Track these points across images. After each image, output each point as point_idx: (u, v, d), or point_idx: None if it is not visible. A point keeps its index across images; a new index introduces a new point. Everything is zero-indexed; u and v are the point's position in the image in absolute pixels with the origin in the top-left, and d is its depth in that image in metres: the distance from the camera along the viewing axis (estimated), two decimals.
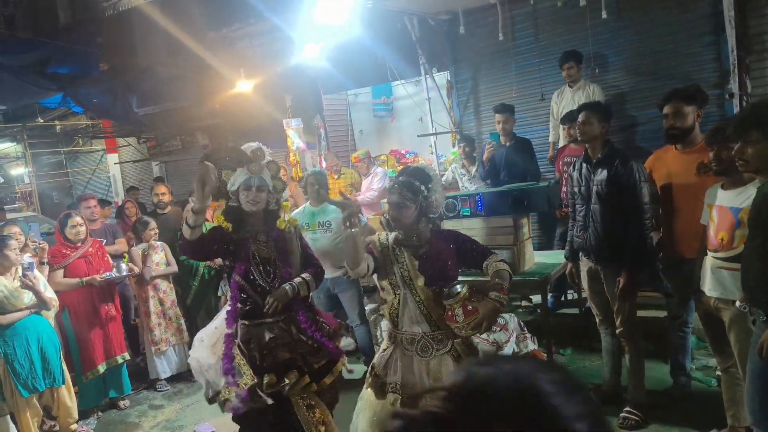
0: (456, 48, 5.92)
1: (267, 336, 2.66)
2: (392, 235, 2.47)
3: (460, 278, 2.43)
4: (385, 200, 3.59)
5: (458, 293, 2.21)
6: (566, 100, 4.98)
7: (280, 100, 7.27)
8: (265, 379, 2.57)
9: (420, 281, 2.34)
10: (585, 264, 3.33)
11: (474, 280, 2.53)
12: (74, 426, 4.02)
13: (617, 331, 3.22)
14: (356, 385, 2.88)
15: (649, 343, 3.98)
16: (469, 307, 2.17)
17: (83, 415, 4.21)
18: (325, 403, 2.76)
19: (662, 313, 4.25)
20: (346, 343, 4.88)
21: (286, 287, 2.66)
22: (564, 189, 4.54)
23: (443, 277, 2.36)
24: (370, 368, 2.53)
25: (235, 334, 2.70)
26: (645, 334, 3.35)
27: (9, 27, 11.12)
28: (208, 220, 5.00)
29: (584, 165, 3.21)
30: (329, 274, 4.27)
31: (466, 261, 2.49)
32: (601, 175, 3.07)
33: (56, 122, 10.56)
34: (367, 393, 2.50)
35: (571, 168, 3.37)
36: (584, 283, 3.39)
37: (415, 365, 2.35)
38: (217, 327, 2.84)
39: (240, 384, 2.58)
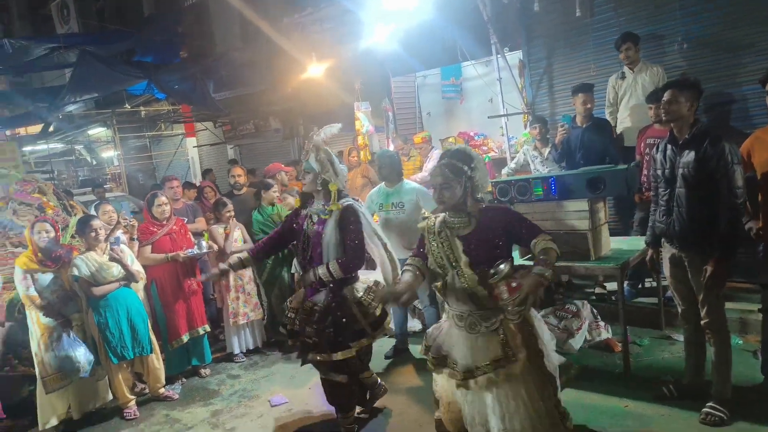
0: (529, 26, 5.72)
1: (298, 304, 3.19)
2: (441, 217, 2.52)
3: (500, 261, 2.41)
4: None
5: (502, 271, 2.24)
6: (627, 82, 4.73)
7: (350, 84, 7.35)
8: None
9: (464, 262, 2.38)
10: (668, 251, 3.16)
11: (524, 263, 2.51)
12: (162, 390, 4.34)
13: (702, 322, 3.04)
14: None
15: (737, 336, 3.77)
16: (513, 284, 2.19)
17: (169, 380, 4.53)
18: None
19: (752, 306, 3.99)
20: (412, 324, 4.95)
21: (310, 273, 3.06)
22: (644, 172, 4.32)
23: (489, 258, 2.36)
24: (425, 336, 2.67)
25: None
26: (733, 327, 3.16)
27: (100, 19, 11.91)
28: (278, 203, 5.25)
29: (669, 146, 3.02)
30: (400, 254, 4.30)
31: (515, 238, 2.47)
32: (688, 156, 2.89)
33: (141, 108, 11.25)
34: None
35: (655, 150, 3.18)
36: (666, 271, 3.22)
37: (463, 340, 2.43)
38: None
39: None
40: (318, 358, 3.07)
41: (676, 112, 2.89)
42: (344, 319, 3.03)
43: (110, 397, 4.25)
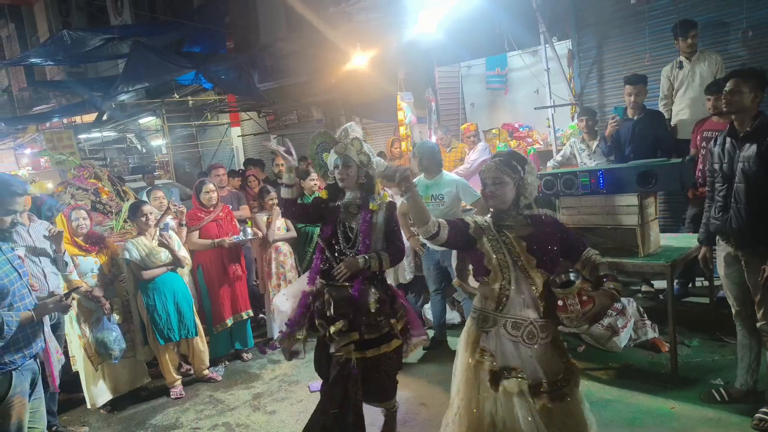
0: (580, 14, 5.55)
1: (331, 296, 2.94)
2: (488, 217, 2.39)
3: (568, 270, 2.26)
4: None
5: (573, 282, 2.10)
6: (684, 73, 4.52)
7: (393, 74, 7.32)
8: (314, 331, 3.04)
9: (532, 263, 2.22)
10: (723, 249, 3.03)
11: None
12: (206, 371, 4.49)
13: (758, 324, 2.91)
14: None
15: None
16: (585, 298, 2.06)
17: (213, 362, 4.68)
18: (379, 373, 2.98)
19: None
20: (451, 316, 4.93)
21: (359, 258, 2.90)
22: (699, 167, 4.14)
23: (552, 261, 2.25)
24: (477, 347, 2.35)
25: (312, 291, 3.06)
26: None
27: (151, 10, 12.27)
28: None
29: (728, 139, 2.89)
30: (439, 247, 4.30)
31: (566, 248, 2.35)
32: (749, 150, 2.75)
33: (189, 98, 11.56)
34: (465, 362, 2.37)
35: (712, 143, 3.05)
36: (720, 270, 3.09)
37: (522, 351, 2.20)
38: (300, 283, 3.24)
39: (293, 336, 3.14)
40: (383, 349, 2.97)
41: (738, 103, 2.76)
42: (392, 304, 3.05)
43: (147, 379, 4.42)
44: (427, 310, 4.81)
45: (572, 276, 2.13)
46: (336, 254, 2.98)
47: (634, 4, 4.92)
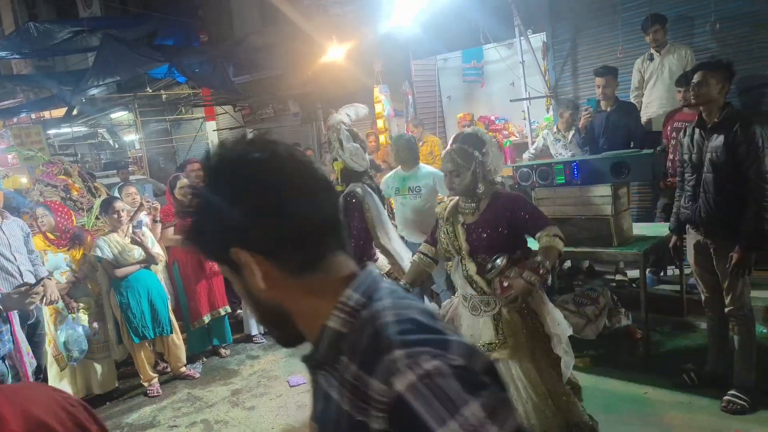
0: (554, 6, 5.59)
1: None
2: (454, 201, 2.54)
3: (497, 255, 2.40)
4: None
5: (496, 266, 2.26)
6: (654, 66, 4.59)
7: (370, 67, 7.30)
8: None
9: (465, 250, 2.41)
10: (693, 237, 3.10)
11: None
12: (183, 368, 4.44)
13: (726, 310, 2.99)
14: None
15: (761, 325, 3.70)
16: (505, 284, 2.22)
17: (190, 359, 4.63)
18: None
19: None
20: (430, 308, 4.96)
21: None
22: (670, 158, 4.23)
23: (490, 247, 2.35)
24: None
25: None
26: (757, 316, 3.11)
27: (122, 2, 11.98)
28: None
29: (697, 130, 2.95)
30: (417, 239, 4.31)
31: (519, 229, 2.41)
32: (717, 141, 2.82)
33: (162, 92, 11.32)
34: None
35: (682, 134, 3.11)
36: (690, 258, 3.17)
37: (467, 320, 2.49)
38: None
39: None
40: None
41: (706, 95, 2.82)
42: None
43: (116, 384, 4.34)
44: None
45: (498, 260, 2.28)
46: None
47: None
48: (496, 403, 0.66)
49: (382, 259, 3.23)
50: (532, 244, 2.49)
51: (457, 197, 2.51)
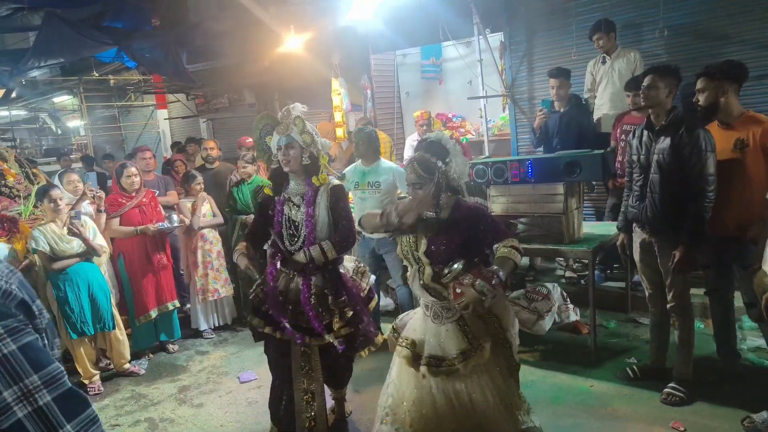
0: (511, 7, 5.67)
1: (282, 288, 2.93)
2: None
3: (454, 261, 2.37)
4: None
5: (453, 271, 2.24)
6: (605, 69, 4.74)
7: (328, 59, 7.20)
8: (254, 322, 2.98)
9: (424, 260, 2.37)
10: (638, 236, 3.22)
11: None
12: (127, 365, 4.26)
13: (668, 306, 3.12)
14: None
15: (699, 321, 3.88)
16: (458, 290, 2.19)
17: (135, 355, 4.45)
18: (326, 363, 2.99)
19: None
20: (385, 303, 4.96)
21: (300, 255, 2.82)
22: (619, 159, 4.37)
23: (448, 258, 2.32)
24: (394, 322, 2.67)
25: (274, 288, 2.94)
26: (696, 312, 3.26)
27: None
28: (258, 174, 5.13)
29: (646, 132, 3.05)
30: (375, 235, 4.29)
31: (478, 241, 2.36)
32: (664, 143, 2.92)
33: (110, 77, 10.83)
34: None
35: (631, 135, 3.22)
36: (636, 256, 3.28)
37: (432, 330, 2.41)
38: None
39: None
40: (327, 340, 2.87)
41: (655, 98, 2.92)
42: (348, 296, 2.93)
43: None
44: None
45: (455, 265, 2.26)
46: (285, 251, 2.91)
47: (561, 1, 5.09)
48: (16, 326, 0.97)
49: (347, 257, 3.19)
50: None
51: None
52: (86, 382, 4.03)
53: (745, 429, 2.77)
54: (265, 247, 3.27)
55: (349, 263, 3.14)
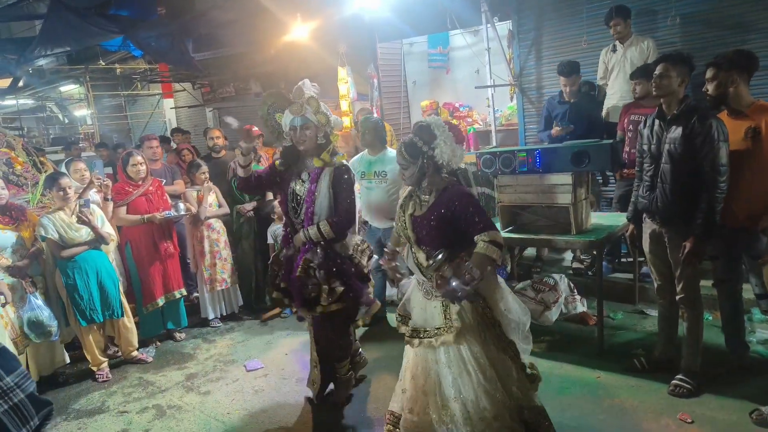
0: None
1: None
2: (408, 189, 2.58)
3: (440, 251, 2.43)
4: None
5: (436, 261, 2.34)
6: (617, 57, 4.66)
7: (334, 48, 7.15)
8: (275, 295, 3.23)
9: (413, 240, 2.48)
10: (648, 226, 3.18)
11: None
12: (134, 353, 4.28)
13: (677, 297, 3.09)
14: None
15: (708, 313, 3.85)
16: (438, 282, 2.27)
17: (143, 343, 4.47)
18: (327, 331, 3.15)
19: None
20: (391, 293, 4.95)
21: (301, 233, 2.96)
22: (626, 149, 4.32)
23: (432, 240, 2.41)
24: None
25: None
26: (705, 304, 3.23)
27: None
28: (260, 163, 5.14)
29: (657, 121, 3.01)
30: (381, 224, 4.28)
31: (458, 228, 2.35)
32: (675, 132, 2.88)
33: (116, 65, 10.83)
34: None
35: (642, 125, 3.17)
36: (645, 246, 3.25)
37: (420, 303, 2.55)
38: None
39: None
40: (318, 310, 2.96)
41: (667, 87, 2.87)
42: (338, 272, 2.97)
43: (67, 360, 4.18)
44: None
45: (439, 256, 2.34)
46: (291, 222, 3.05)
47: None
48: None
49: (349, 236, 3.18)
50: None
51: (410, 187, 2.56)
52: (95, 369, 4.06)
53: (753, 421, 2.75)
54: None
55: (350, 242, 3.11)
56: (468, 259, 2.25)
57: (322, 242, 2.93)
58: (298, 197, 2.98)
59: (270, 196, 5.03)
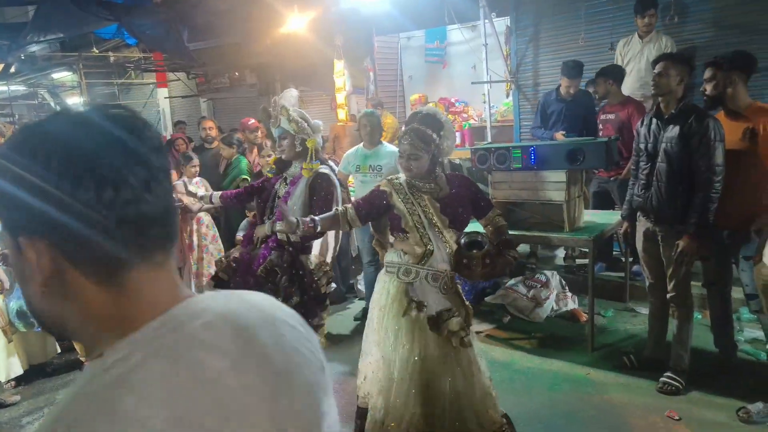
0: None
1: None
2: (403, 178, 2.47)
3: (471, 230, 2.49)
4: None
5: (481, 245, 2.34)
6: (633, 51, 4.60)
7: (331, 41, 7.11)
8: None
9: (445, 223, 2.39)
10: (643, 224, 3.19)
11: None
12: None
13: (668, 295, 3.11)
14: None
15: (698, 312, 3.88)
16: (487, 261, 2.29)
17: None
18: None
19: None
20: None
21: (266, 226, 3.01)
22: None
23: (461, 221, 2.43)
24: (407, 298, 2.44)
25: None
26: (695, 303, 3.25)
27: None
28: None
29: (654, 120, 3.01)
30: None
31: (475, 208, 2.50)
32: (672, 131, 2.89)
33: (110, 53, 10.71)
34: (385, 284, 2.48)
35: (639, 123, 3.18)
36: (638, 244, 3.27)
37: (439, 298, 2.41)
38: None
39: None
40: None
41: (666, 86, 2.88)
42: (299, 285, 2.99)
43: (58, 350, 4.16)
44: (360, 281, 4.79)
45: (480, 239, 2.34)
46: (260, 220, 3.14)
47: None
48: None
49: (314, 253, 3.19)
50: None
51: (404, 176, 2.47)
52: (83, 359, 4.03)
53: (740, 419, 2.78)
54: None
55: (314, 258, 3.13)
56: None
57: (288, 246, 2.94)
58: (276, 197, 3.08)
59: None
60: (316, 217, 2.46)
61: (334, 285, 3.47)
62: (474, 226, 2.56)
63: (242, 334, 0.63)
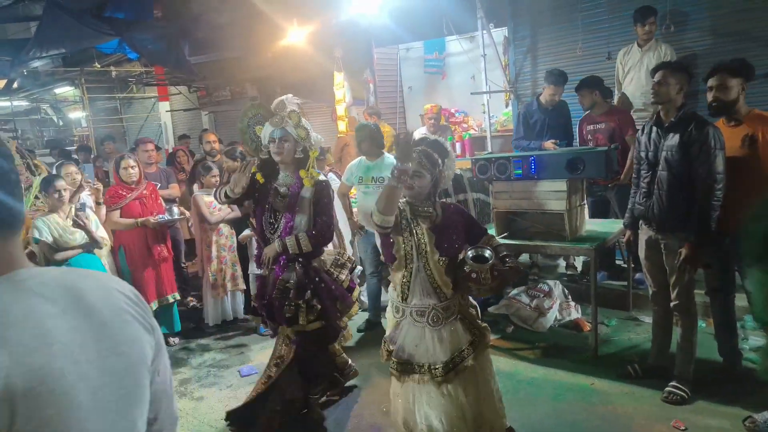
0: (516, 2, 5.63)
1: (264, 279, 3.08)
2: (404, 202, 2.44)
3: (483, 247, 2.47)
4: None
5: (487, 258, 2.33)
6: (633, 60, 4.61)
7: (331, 53, 7.16)
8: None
9: (435, 255, 2.35)
10: (645, 233, 3.19)
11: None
12: None
13: (672, 304, 3.10)
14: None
15: (702, 320, 3.87)
16: (495, 273, 2.31)
17: None
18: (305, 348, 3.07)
19: None
20: (386, 298, 4.92)
21: (276, 243, 2.90)
22: None
23: (454, 252, 2.42)
24: (383, 343, 2.56)
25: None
26: (699, 311, 3.24)
27: None
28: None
29: (654, 129, 3.02)
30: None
31: (470, 236, 2.51)
32: (673, 140, 2.90)
33: (112, 68, 10.79)
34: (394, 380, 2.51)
35: (640, 132, 3.19)
36: (641, 253, 3.26)
37: (428, 336, 2.37)
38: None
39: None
40: (293, 329, 2.98)
41: (665, 94, 2.89)
42: (315, 289, 2.96)
43: None
44: (363, 293, 4.78)
45: (486, 253, 2.33)
46: (264, 238, 3.01)
47: None
48: None
49: (327, 251, 3.22)
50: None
51: (409, 200, 2.44)
52: None
53: (746, 429, 2.75)
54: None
55: (328, 256, 3.15)
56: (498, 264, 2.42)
57: (300, 258, 2.93)
58: (276, 212, 2.97)
59: None
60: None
61: (359, 268, 3.41)
62: None
63: (73, 292, 0.83)
